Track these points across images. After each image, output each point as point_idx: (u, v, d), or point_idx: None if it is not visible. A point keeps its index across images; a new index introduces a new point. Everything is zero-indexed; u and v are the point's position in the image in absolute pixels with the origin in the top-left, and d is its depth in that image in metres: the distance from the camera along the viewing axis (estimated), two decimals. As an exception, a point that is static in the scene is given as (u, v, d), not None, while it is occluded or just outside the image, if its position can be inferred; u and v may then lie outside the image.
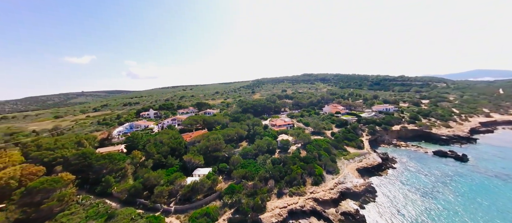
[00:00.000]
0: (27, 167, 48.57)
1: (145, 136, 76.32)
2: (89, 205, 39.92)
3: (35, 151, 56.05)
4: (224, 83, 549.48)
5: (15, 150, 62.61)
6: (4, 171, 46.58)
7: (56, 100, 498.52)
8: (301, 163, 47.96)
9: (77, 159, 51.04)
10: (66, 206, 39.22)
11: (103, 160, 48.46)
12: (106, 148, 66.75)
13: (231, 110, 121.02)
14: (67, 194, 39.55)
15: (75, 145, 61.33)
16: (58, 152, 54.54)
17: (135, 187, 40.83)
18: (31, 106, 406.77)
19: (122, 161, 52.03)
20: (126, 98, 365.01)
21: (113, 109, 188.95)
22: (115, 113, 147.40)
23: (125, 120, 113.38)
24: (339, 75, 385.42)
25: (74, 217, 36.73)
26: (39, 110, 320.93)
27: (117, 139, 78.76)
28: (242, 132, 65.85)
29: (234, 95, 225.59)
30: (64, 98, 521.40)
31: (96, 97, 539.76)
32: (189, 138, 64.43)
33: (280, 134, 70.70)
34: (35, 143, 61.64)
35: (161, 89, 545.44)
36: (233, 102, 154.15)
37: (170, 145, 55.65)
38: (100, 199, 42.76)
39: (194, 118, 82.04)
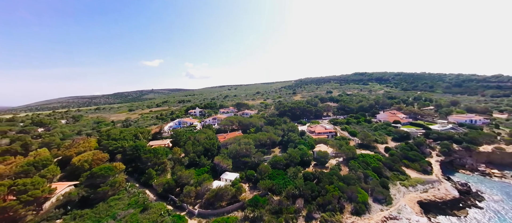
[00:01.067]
0: (97, 153, 59.24)
1: (188, 133, 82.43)
2: (133, 193, 44.80)
3: (105, 140, 68.12)
4: (266, 83, 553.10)
5: (94, 137, 78.02)
6: (82, 155, 58.17)
7: (133, 95, 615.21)
8: (340, 184, 40.37)
9: (131, 150, 58.98)
10: (117, 191, 45.21)
11: (149, 154, 53.99)
12: (156, 142, 75.45)
13: (269, 112, 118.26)
14: (117, 181, 45.58)
15: (133, 137, 71.48)
16: (119, 142, 64.39)
17: (169, 183, 43.37)
18: (117, 100, 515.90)
19: (164, 156, 56.95)
20: (182, 95, 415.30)
21: (170, 105, 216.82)
22: (171, 109, 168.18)
23: (176, 117, 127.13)
24: (402, 74, 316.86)
25: (120, 203, 41.78)
26: (121, 103, 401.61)
27: (167, 134, 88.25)
28: (275, 137, 62.06)
29: (274, 95, 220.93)
30: (139, 94, 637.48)
31: (161, 94, 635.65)
32: (223, 139, 65.29)
33: (318, 143, 63.12)
34: (106, 133, 75.31)
35: (210, 88, 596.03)
36: (272, 104, 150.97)
37: (204, 145, 57.48)
38: (143, 189, 47.58)
39: (230, 119, 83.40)
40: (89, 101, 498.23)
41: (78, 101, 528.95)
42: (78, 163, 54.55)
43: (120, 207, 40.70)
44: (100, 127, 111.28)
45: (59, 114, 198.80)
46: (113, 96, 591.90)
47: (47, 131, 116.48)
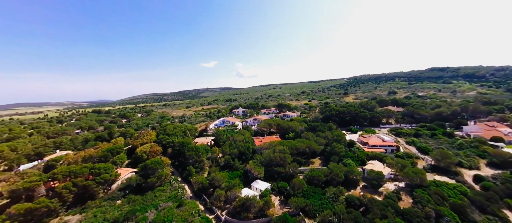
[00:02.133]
0: (154, 145, 68.48)
1: (228, 132, 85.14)
2: (174, 187, 48.85)
3: (161, 134, 78.19)
4: (313, 82, 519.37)
5: (154, 131, 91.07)
6: (143, 146, 68.32)
7: (193, 93, 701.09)
8: (397, 220, 30.85)
9: (178, 146, 65.21)
10: (162, 183, 50.38)
11: (191, 152, 58.01)
12: (201, 139, 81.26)
13: (312, 115, 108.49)
14: (164, 174, 50.73)
15: (182, 133, 79.34)
16: (171, 138, 72.46)
17: (203, 183, 44.84)
18: (180, 97, 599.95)
19: (204, 154, 60.06)
20: (230, 94, 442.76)
21: (219, 104, 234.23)
22: (218, 108, 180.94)
23: (221, 115, 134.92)
24: (508, 68, 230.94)
25: (163, 194, 46.20)
26: (183, 100, 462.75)
27: (211, 132, 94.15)
28: (315, 146, 55.16)
29: (321, 96, 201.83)
30: (197, 92, 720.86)
31: (214, 92, 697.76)
32: (260, 143, 63.40)
33: (372, 159, 52.00)
34: (163, 128, 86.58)
35: (256, 87, 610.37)
36: (317, 105, 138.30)
37: (239, 148, 57.16)
38: (183, 184, 51.36)
39: (269, 122, 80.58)
40: (160, 98, 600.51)
41: (153, 97, 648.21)
42: (139, 153, 64.45)
43: (162, 198, 44.95)
44: (163, 122, 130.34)
45: (138, 108, 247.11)
46: (177, 94, 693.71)
47: (128, 122, 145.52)
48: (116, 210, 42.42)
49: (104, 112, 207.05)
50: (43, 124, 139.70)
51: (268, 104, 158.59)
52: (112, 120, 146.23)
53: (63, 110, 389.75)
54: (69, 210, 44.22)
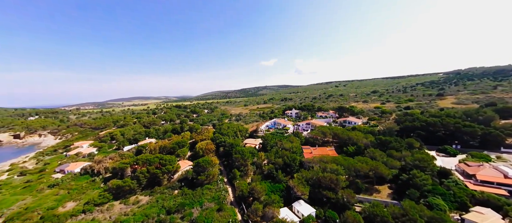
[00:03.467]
0: (209, 143, 74.63)
1: (277, 136, 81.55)
2: (218, 188, 50.63)
3: (217, 132, 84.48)
4: (390, 78, 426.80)
5: (212, 128, 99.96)
6: (201, 143, 75.68)
7: (252, 91, 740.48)
8: None
9: (228, 146, 67.90)
10: (211, 181, 53.41)
11: (237, 154, 58.69)
12: (250, 140, 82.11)
13: (384, 124, 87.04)
14: (212, 173, 53.64)
15: (234, 134, 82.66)
16: (223, 137, 76.68)
17: (243, 192, 43.74)
18: (242, 95, 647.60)
19: (250, 158, 59.43)
20: (287, 92, 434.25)
21: (274, 103, 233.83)
22: (272, 107, 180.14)
23: (274, 116, 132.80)
24: None
25: (209, 193, 48.71)
26: (243, 98, 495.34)
27: (262, 133, 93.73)
28: (383, 170, 42.40)
29: (400, 97, 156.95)
30: (256, 90, 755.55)
31: (272, 90, 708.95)
32: (309, 155, 56.08)
33: (481, 204, 34.23)
34: (219, 126, 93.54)
35: (315, 85, 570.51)
36: (393, 111, 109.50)
37: (285, 158, 52.44)
38: (227, 186, 52.56)
39: (323, 130, 70.37)
40: (225, 95, 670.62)
41: (220, 94, 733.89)
42: (197, 149, 71.88)
43: (207, 197, 47.42)
44: (222, 119, 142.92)
45: (206, 104, 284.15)
46: (239, 91, 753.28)
47: (197, 117, 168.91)
48: (171, 199, 48.30)
49: (183, 107, 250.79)
50: (143, 115, 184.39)
51: (326, 106, 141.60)
52: (186, 115, 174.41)
53: (159, 103, 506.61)
54: (142, 191, 54.46)
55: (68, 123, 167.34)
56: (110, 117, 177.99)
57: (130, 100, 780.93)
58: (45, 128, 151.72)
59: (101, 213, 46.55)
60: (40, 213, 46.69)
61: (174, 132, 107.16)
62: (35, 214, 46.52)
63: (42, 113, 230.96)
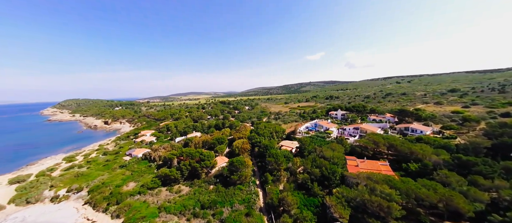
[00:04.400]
0: (245, 142, 75.20)
1: (317, 141, 74.49)
2: (249, 191, 49.85)
3: (254, 131, 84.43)
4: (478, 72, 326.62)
5: (250, 127, 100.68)
6: (237, 141, 77.17)
7: (295, 87, 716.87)
8: None
9: (262, 148, 66.49)
10: (243, 182, 53.36)
11: (271, 158, 56.39)
12: (286, 142, 78.14)
13: (467, 137, 65.72)
14: (244, 174, 53.42)
15: (270, 134, 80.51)
16: (259, 138, 75.74)
17: (272, 200, 41.25)
18: (284, 91, 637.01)
19: (284, 163, 56.12)
20: (334, 89, 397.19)
21: (317, 101, 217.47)
22: (315, 106, 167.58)
23: (316, 116, 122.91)
24: None
25: (240, 194, 48.59)
26: (285, 94, 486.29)
27: (300, 135, 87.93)
28: (461, 204, 30.91)
29: (493, 98, 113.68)
30: (299, 86, 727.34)
31: (316, 87, 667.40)
32: (354, 168, 47.83)
33: None
34: (256, 125, 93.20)
35: (370, 81, 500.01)
36: (482, 118, 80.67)
37: (323, 169, 46.47)
38: (258, 189, 51.20)
39: (375, 138, 58.78)
40: (267, 91, 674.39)
41: (262, 90, 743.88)
42: (234, 147, 73.64)
43: (238, 198, 47.38)
44: (261, 117, 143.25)
45: (248, 101, 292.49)
46: (281, 87, 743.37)
47: (238, 113, 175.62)
48: (206, 194, 50.76)
49: (227, 103, 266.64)
50: (194, 109, 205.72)
51: (382, 108, 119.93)
52: (228, 111, 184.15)
53: (208, 98, 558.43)
54: (185, 181, 59.73)
55: (139, 114, 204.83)
56: (169, 110, 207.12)
57: (186, 95, 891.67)
58: (124, 117, 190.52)
59: (151, 196, 53.59)
60: (111, 188, 57.86)
61: (216, 127, 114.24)
62: (107, 188, 58.00)
63: (124, 104, 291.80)
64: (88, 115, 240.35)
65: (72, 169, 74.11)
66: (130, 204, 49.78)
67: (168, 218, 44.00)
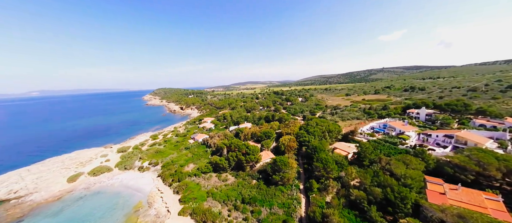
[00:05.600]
0: (292, 139, 70.39)
1: (384, 148, 59.98)
2: (291, 195, 46.15)
3: (303, 128, 77.81)
4: None
5: (300, 122, 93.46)
6: (284, 137, 73.29)
7: (362, 75, 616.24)
8: None
9: (311, 149, 59.96)
10: (285, 184, 50.23)
11: (319, 163, 49.80)
12: (341, 144, 67.41)
13: None
14: (286, 176, 49.92)
15: (322, 134, 71.56)
16: (308, 137, 68.87)
17: (314, 214, 36.04)
18: (346, 80, 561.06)
19: (335, 171, 48.36)
20: (418, 77, 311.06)
21: (390, 94, 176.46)
22: (387, 101, 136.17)
23: (386, 114, 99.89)
24: None
25: (280, 196, 45.87)
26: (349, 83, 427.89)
27: (361, 138, 73.85)
28: None
29: None
30: (367, 73, 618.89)
31: (392, 74, 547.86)
32: (438, 197, 34.14)
33: None
34: (306, 123, 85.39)
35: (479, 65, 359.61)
36: None
37: (388, 191, 35.91)
38: (301, 195, 46.64)
39: (481, 156, 39.60)
40: (326, 80, 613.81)
41: (320, 79, 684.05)
42: (280, 143, 70.69)
43: (278, 200, 44.92)
44: (315, 110, 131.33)
45: (302, 91, 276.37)
46: (344, 75, 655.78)
47: (290, 105, 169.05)
48: (248, 189, 51.25)
49: (280, 93, 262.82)
50: (248, 100, 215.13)
51: (498, 108, 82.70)
52: (280, 102, 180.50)
53: (263, 87, 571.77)
54: (231, 171, 63.00)
55: (205, 102, 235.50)
56: (227, 99, 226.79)
57: (244, 85, 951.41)
58: (194, 105, 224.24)
59: (204, 180, 59.83)
60: (176, 167, 69.03)
61: (266, 119, 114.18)
62: (174, 166, 69.51)
63: (195, 93, 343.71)
64: (171, 101, 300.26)
65: (154, 146, 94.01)
66: (187, 184, 57.43)
67: (213, 205, 47.58)
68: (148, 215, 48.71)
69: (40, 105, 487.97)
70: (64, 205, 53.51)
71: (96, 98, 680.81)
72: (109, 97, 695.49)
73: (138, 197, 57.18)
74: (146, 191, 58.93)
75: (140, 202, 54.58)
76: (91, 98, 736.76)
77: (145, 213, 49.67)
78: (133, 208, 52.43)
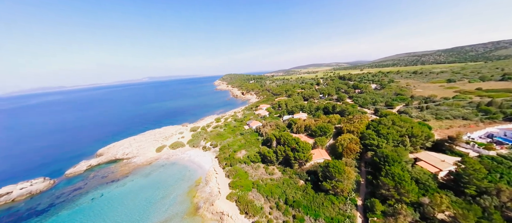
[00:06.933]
0: (353, 140, 58.08)
1: (507, 171, 38.58)
2: (344, 211, 38.40)
3: (372, 128, 62.49)
4: None
5: (368, 117, 75.60)
6: (343, 136, 61.73)
7: (479, 50, 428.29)
8: None
9: (378, 157, 47.07)
10: (337, 194, 42.50)
11: (388, 179, 38.21)
12: (428, 155, 49.11)
13: None
14: (339, 187, 41.74)
15: (399, 138, 54.54)
16: (377, 140, 54.49)
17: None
18: (451, 57, 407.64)
19: (414, 192, 35.65)
20: None
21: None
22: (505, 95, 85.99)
23: (523, 115, 63.77)
24: None
25: (329, 208, 39.26)
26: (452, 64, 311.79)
27: (468, 150, 50.99)
28: None
29: None
30: (490, 47, 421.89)
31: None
32: None
33: None
34: (378, 119, 67.72)
35: None
36: None
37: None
38: (357, 213, 37.93)
39: None
40: (417, 59, 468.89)
41: (407, 58, 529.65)
42: (337, 143, 60.29)
43: (326, 212, 38.72)
44: (393, 103, 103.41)
45: (377, 76, 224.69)
46: (446, 52, 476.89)
47: (359, 94, 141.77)
48: (293, 190, 47.44)
49: (347, 78, 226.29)
50: (307, 86, 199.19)
51: None
52: (345, 90, 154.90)
53: (328, 70, 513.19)
54: (279, 165, 60.60)
55: (263, 88, 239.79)
56: (284, 85, 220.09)
57: (305, 68, 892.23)
58: (253, 90, 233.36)
59: (252, 169, 61.12)
60: (230, 151, 74.38)
61: (325, 111, 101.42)
62: (228, 150, 75.20)
63: (255, 78, 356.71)
64: (234, 86, 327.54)
65: (216, 129, 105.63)
66: (237, 170, 60.61)
67: (257, 197, 47.66)
68: (204, 191, 55.38)
69: (148, 88, 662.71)
70: (152, 169, 70.04)
71: (181, 83, 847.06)
72: (188, 82, 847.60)
73: (199, 173, 66.18)
74: (206, 169, 67.23)
75: (200, 178, 62.93)
76: (178, 83, 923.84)
77: (202, 189, 56.80)
78: (195, 182, 61.26)
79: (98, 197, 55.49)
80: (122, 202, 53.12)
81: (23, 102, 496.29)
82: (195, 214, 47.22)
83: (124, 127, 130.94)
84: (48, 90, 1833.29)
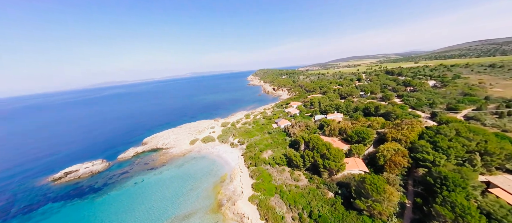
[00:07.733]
0: (400, 152, 48.35)
1: None
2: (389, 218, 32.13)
3: (425, 138, 50.92)
4: None
5: (422, 124, 61.98)
6: (386, 145, 52.39)
7: None
8: None
9: (430, 175, 37.48)
10: (375, 216, 36.04)
11: (445, 211, 29.83)
12: (505, 181, 36.29)
13: None
14: (377, 208, 35.10)
15: (464, 154, 42.32)
16: (433, 155, 43.71)
17: None
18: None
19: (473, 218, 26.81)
20: None
21: None
22: None
23: None
24: None
25: None
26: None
27: None
28: None
29: None
30: None
31: None
32: None
33: None
34: (436, 128, 54.52)
35: None
36: None
37: None
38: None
39: None
40: (496, 48, 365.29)
41: (481, 47, 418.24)
42: (378, 153, 51.51)
43: (358, 237, 33.25)
44: (458, 105, 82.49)
45: (438, 69, 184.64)
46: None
47: (410, 92, 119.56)
48: (320, 202, 42.91)
49: (396, 73, 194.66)
50: (345, 83, 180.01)
51: None
52: (393, 88, 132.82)
53: (372, 63, 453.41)
54: (306, 171, 56.05)
55: (296, 83, 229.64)
56: (319, 81, 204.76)
57: (345, 61, 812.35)
58: (285, 86, 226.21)
59: (276, 171, 58.60)
60: (256, 150, 73.29)
61: (365, 112, 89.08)
62: (254, 149, 74.26)
63: (288, 73, 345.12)
64: (266, 82, 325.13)
65: (245, 125, 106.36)
66: (261, 171, 59.17)
67: (278, 204, 45.22)
68: (228, 189, 56.14)
69: (189, 83, 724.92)
70: (185, 161, 75.44)
71: (218, 78, 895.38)
72: (223, 77, 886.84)
73: (226, 169, 67.65)
74: (231, 166, 68.25)
75: (226, 175, 64.22)
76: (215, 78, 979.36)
77: (226, 186, 57.72)
78: (221, 178, 62.85)
79: (139, 182, 63.08)
80: (158, 189, 58.89)
81: (97, 94, 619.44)
82: (217, 211, 48.19)
83: (167, 119, 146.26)
84: (114, 84, 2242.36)
